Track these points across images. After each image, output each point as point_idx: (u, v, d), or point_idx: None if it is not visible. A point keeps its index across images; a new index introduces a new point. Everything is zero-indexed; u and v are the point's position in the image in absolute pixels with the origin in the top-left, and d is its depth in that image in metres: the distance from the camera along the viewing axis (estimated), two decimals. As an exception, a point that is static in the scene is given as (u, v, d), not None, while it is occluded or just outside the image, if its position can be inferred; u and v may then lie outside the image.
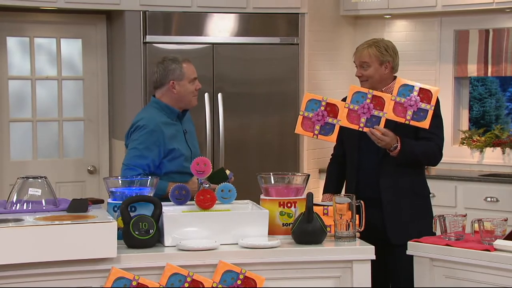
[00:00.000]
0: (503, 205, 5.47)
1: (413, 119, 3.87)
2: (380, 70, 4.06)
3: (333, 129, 3.87)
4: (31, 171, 5.79)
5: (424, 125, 3.88)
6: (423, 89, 3.90)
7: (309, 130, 3.88)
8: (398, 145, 3.89)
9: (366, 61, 4.05)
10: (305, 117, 3.88)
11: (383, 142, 3.86)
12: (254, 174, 3.57)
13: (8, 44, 5.98)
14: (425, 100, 3.88)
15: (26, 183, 3.40)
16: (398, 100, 3.87)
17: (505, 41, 6.06)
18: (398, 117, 3.86)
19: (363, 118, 3.86)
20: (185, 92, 4.02)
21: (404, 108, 3.87)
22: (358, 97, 3.88)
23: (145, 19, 5.74)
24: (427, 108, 3.87)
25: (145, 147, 3.90)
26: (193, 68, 4.06)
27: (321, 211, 3.41)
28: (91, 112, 6.24)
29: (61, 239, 2.97)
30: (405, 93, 3.88)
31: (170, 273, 3.06)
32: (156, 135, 3.91)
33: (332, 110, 3.87)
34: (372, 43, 4.11)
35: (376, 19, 6.55)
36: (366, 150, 4.02)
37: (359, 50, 4.11)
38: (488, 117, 10.07)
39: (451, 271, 3.33)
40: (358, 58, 4.10)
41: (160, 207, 3.25)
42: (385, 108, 3.86)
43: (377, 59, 4.06)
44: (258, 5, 5.95)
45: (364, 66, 4.06)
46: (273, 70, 6.01)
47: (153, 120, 3.94)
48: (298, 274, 3.20)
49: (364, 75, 4.06)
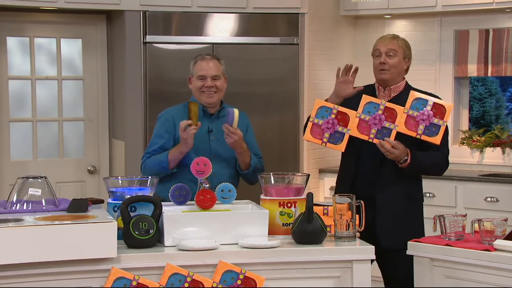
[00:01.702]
0: (503, 205, 5.47)
1: (425, 133, 3.82)
2: (402, 63, 4.00)
3: (342, 138, 3.84)
4: (31, 171, 5.78)
5: (436, 140, 3.84)
6: (437, 104, 3.85)
7: (318, 138, 3.86)
8: (408, 158, 3.84)
9: (394, 49, 3.97)
10: (315, 124, 3.86)
11: (392, 155, 3.81)
12: (254, 174, 3.57)
13: (8, 44, 5.98)
14: (438, 116, 3.83)
15: (26, 183, 3.40)
16: (411, 113, 3.82)
17: (505, 41, 6.05)
18: (410, 130, 3.82)
19: (374, 129, 3.83)
20: (194, 88, 4.17)
21: (416, 122, 3.82)
22: (370, 108, 3.84)
23: (145, 19, 5.74)
24: (439, 123, 3.83)
25: (156, 135, 4.15)
26: (205, 66, 4.13)
27: (321, 211, 3.41)
28: (91, 112, 6.24)
29: (61, 239, 2.97)
30: (419, 107, 3.83)
31: (170, 273, 3.06)
32: (168, 123, 4.12)
33: (343, 119, 3.84)
34: (397, 36, 4.05)
35: (376, 19, 6.55)
36: (364, 161, 3.96)
37: (386, 38, 4.03)
38: (488, 117, 10.07)
39: (451, 271, 3.33)
40: (385, 45, 3.99)
41: (160, 207, 3.25)
42: (397, 121, 3.82)
43: (403, 51, 4.00)
44: (258, 5, 5.95)
45: (391, 54, 3.97)
46: (273, 70, 6.01)
47: (170, 111, 4.19)
48: (298, 274, 3.20)
49: (389, 63, 3.96)
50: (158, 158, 4.03)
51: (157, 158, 4.04)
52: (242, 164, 4.08)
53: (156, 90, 5.73)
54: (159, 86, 5.75)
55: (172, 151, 4.02)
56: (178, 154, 3.99)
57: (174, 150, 4.01)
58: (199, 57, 4.18)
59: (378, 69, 3.99)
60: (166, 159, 4.00)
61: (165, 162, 3.99)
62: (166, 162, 3.99)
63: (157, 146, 4.09)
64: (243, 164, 4.08)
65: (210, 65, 4.13)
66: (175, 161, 3.99)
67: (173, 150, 4.02)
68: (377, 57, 4.00)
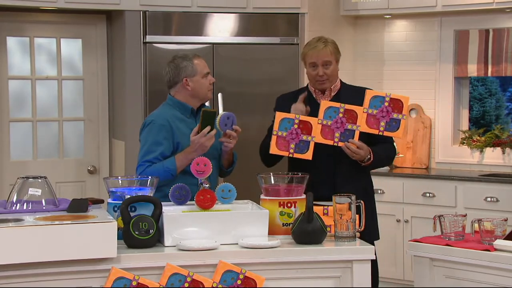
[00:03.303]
0: (503, 205, 5.47)
1: (386, 129, 3.90)
2: (336, 67, 4.07)
3: (308, 146, 3.89)
4: (31, 171, 5.79)
5: (397, 135, 3.94)
6: (394, 99, 3.92)
7: (284, 150, 3.90)
8: (371, 156, 3.92)
9: (329, 60, 4.01)
10: (279, 137, 3.90)
11: (358, 155, 3.89)
12: (254, 174, 3.57)
13: (8, 44, 5.98)
14: (397, 110, 3.90)
15: (26, 183, 3.39)
16: (370, 112, 3.90)
17: (505, 41, 6.05)
18: (372, 128, 3.90)
19: (337, 133, 3.89)
20: (200, 87, 4.04)
21: (376, 120, 3.90)
22: (330, 112, 3.89)
23: (145, 19, 5.74)
24: (399, 117, 3.90)
25: (154, 142, 3.94)
26: (204, 63, 4.08)
27: (321, 211, 3.41)
28: (91, 112, 6.24)
29: (61, 239, 2.97)
30: (377, 105, 3.91)
31: (170, 273, 3.06)
32: (165, 129, 3.95)
33: (306, 127, 3.89)
34: (325, 41, 4.07)
35: (376, 19, 6.55)
36: (319, 165, 3.95)
37: (318, 48, 4.01)
38: (488, 117, 10.05)
39: (451, 271, 3.33)
40: (320, 57, 4.00)
41: (160, 207, 3.25)
42: (358, 121, 3.89)
43: (335, 57, 4.05)
44: (258, 5, 5.95)
45: (327, 65, 4.00)
46: (273, 70, 6.01)
47: (162, 116, 4.00)
48: (298, 274, 3.20)
49: (327, 74, 4.00)
50: (164, 166, 3.86)
51: (163, 166, 3.86)
52: (226, 162, 4.08)
53: (156, 90, 5.73)
54: (159, 86, 5.72)
55: (180, 157, 3.87)
56: (187, 161, 3.82)
57: (183, 157, 3.86)
58: (194, 56, 4.06)
59: (316, 80, 4.04)
60: (174, 167, 3.85)
61: (173, 170, 3.85)
62: (175, 170, 3.85)
63: (157, 154, 3.91)
64: (227, 162, 4.09)
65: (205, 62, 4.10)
66: (183, 167, 3.87)
67: (181, 156, 3.88)
68: (312, 68, 4.03)
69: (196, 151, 3.84)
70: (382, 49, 6.60)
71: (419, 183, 5.88)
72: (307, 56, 4.05)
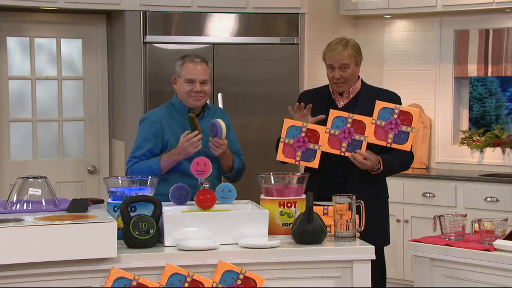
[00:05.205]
0: (503, 205, 5.47)
1: (394, 141, 3.88)
2: (356, 70, 4.03)
3: (314, 155, 3.89)
4: (31, 171, 5.79)
5: (406, 147, 3.90)
6: (403, 111, 3.90)
7: (291, 157, 3.91)
8: (381, 166, 3.90)
9: (347, 63, 3.97)
10: (286, 144, 3.91)
11: (365, 166, 3.88)
12: (254, 174, 3.57)
13: (8, 44, 5.98)
14: (406, 123, 3.88)
15: (26, 183, 3.40)
16: (379, 123, 3.89)
17: (505, 41, 6.05)
18: (380, 140, 3.89)
19: (344, 143, 3.88)
20: (180, 90, 4.04)
21: (385, 131, 3.88)
22: (339, 122, 3.89)
23: (145, 19, 5.74)
24: (408, 130, 3.88)
25: (143, 139, 4.02)
26: (195, 69, 3.99)
27: (321, 211, 3.41)
28: (91, 112, 6.24)
29: (61, 239, 2.97)
30: (386, 116, 3.89)
31: (170, 273, 3.06)
32: (155, 127, 4.00)
33: (313, 136, 3.89)
34: (346, 43, 4.00)
35: (376, 19, 6.55)
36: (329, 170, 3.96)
37: (336, 51, 3.96)
38: (488, 117, 10.05)
39: (451, 271, 3.33)
40: (337, 60, 3.96)
41: (160, 207, 3.25)
42: (366, 132, 3.88)
43: (354, 60, 4.00)
44: (258, 5, 5.95)
45: (345, 68, 3.98)
46: (273, 70, 6.01)
47: (155, 113, 4.07)
48: (298, 274, 3.20)
49: (344, 77, 3.98)
50: (149, 165, 3.92)
51: (147, 164, 3.92)
52: (225, 167, 4.06)
53: (156, 90, 5.73)
54: (159, 86, 5.74)
55: (164, 158, 3.92)
56: (172, 162, 3.90)
57: (167, 158, 3.91)
58: (188, 58, 4.02)
59: (333, 82, 4.03)
60: (158, 167, 3.90)
61: (157, 170, 3.89)
62: (159, 170, 3.89)
63: (145, 150, 3.97)
64: (226, 167, 4.06)
65: (199, 69, 4.00)
66: (168, 168, 3.92)
67: (166, 157, 3.92)
68: (330, 70, 4.01)
69: (180, 154, 3.89)
70: (382, 49, 6.60)
71: (419, 183, 5.88)
72: (326, 58, 4.04)
